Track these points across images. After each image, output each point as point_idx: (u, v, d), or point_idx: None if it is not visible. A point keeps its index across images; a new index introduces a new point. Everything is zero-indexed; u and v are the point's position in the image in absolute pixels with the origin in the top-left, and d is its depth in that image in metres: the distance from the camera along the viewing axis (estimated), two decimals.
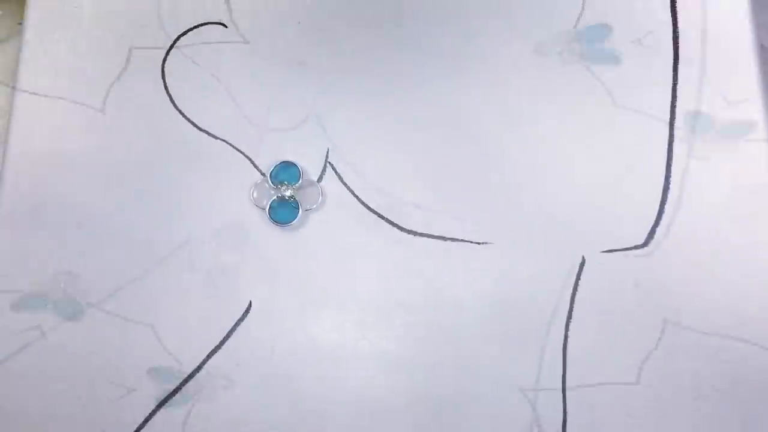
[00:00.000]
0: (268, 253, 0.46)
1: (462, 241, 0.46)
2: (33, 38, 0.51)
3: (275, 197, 0.47)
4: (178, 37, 0.51)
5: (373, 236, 0.46)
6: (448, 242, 0.46)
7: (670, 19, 0.49)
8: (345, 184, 0.48)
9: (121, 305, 0.46)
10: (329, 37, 0.50)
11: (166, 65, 0.50)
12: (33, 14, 0.52)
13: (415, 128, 0.48)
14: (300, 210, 0.46)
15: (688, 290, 0.45)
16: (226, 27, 0.51)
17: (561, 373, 0.44)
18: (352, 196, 0.47)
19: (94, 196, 0.48)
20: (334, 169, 0.48)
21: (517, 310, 0.45)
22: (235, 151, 0.48)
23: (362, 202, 0.47)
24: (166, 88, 0.50)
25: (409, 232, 0.46)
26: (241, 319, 0.45)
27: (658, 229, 0.45)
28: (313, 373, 0.45)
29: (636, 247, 0.45)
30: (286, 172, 0.47)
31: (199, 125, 0.49)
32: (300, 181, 0.47)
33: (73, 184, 0.48)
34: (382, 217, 0.47)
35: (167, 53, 0.50)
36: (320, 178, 0.48)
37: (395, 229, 0.47)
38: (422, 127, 0.48)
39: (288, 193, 0.46)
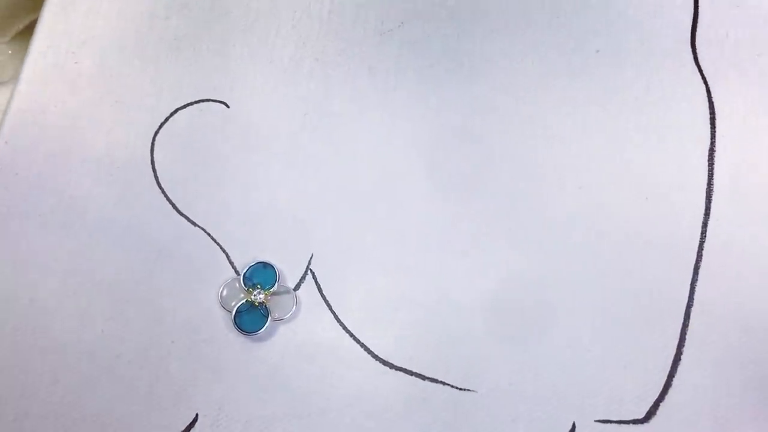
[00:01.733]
0: (224, 362, 0.42)
1: (442, 383, 0.41)
2: (26, 90, 0.48)
3: (244, 301, 0.42)
4: (176, 111, 0.48)
5: (343, 361, 0.42)
6: (427, 382, 0.41)
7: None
8: (323, 297, 0.43)
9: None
10: (329, 130, 0.46)
11: (156, 138, 0.47)
12: (29, 64, 0.49)
13: (407, 248, 0.44)
14: (269, 319, 0.42)
15: None
16: (228, 107, 0.48)
17: None
18: (329, 311, 0.43)
19: (54, 258, 0.44)
20: (314, 277, 0.44)
21: None
22: (212, 242, 0.44)
23: (339, 320, 0.43)
24: (152, 162, 0.46)
25: (385, 363, 0.42)
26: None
27: (662, 405, 0.40)
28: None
29: (635, 422, 0.40)
30: (261, 274, 0.43)
31: (179, 208, 0.45)
32: (275, 285, 0.43)
33: (39, 240, 0.44)
34: (358, 341, 0.42)
35: (160, 126, 0.47)
36: (297, 286, 0.43)
37: (370, 357, 0.42)
38: (415, 248, 0.44)
39: (259, 298, 0.42)
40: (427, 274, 0.43)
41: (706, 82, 0.46)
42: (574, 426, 0.40)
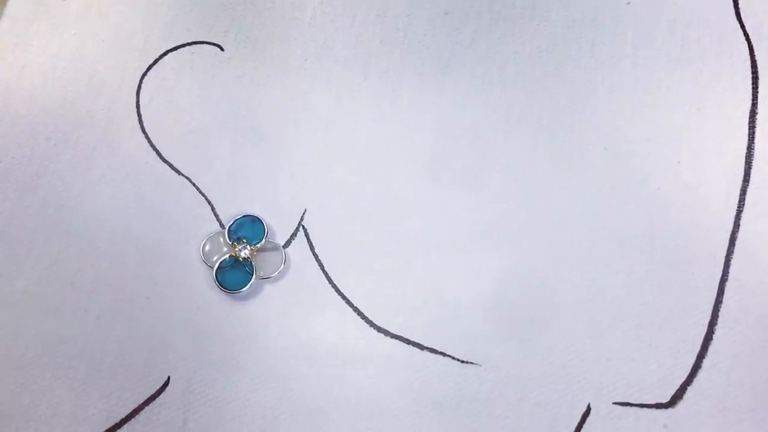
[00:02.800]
0: (202, 322, 0.38)
1: (442, 354, 0.37)
2: (9, 27, 0.45)
3: (228, 256, 0.38)
4: (166, 53, 0.44)
5: (334, 326, 0.37)
6: (426, 352, 0.37)
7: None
8: (315, 256, 0.39)
9: None
10: (329, 79, 0.43)
11: (144, 80, 0.43)
12: (14, 2, 0.46)
13: (409, 207, 0.40)
14: (254, 277, 0.38)
15: None
16: (222, 50, 0.44)
17: None
18: (322, 272, 0.39)
19: (23, 203, 0.40)
20: (306, 234, 0.40)
21: None
22: (197, 192, 0.40)
23: (332, 282, 0.38)
24: (137, 105, 0.43)
25: (380, 330, 0.37)
26: (153, 397, 0.37)
27: (690, 389, 0.35)
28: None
29: (658, 406, 0.35)
30: (248, 228, 0.39)
31: (163, 154, 0.41)
32: (263, 241, 0.39)
33: (10, 182, 0.41)
34: (351, 305, 0.38)
35: (148, 68, 0.43)
36: (288, 243, 0.39)
37: (364, 323, 0.38)
38: (418, 207, 0.40)
39: (244, 253, 0.38)
40: (431, 238, 0.39)
41: (748, 39, 0.42)
42: (589, 408, 0.35)
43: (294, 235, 0.40)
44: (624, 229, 0.38)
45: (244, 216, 0.39)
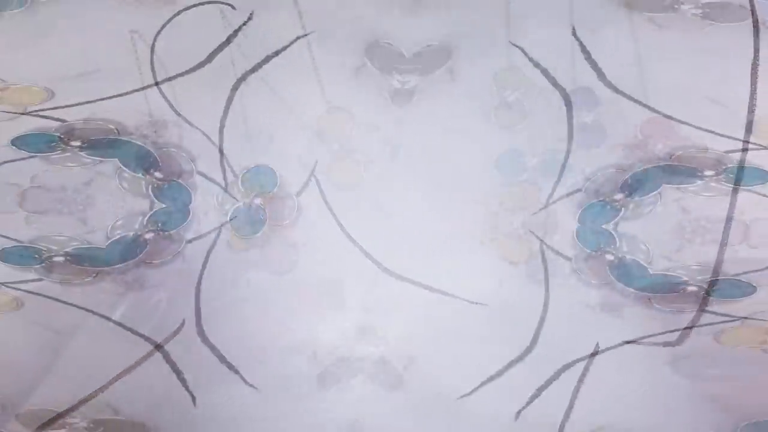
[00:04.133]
0: (216, 268, 0.38)
1: (452, 296, 0.37)
2: None
3: (241, 204, 0.39)
4: (179, 12, 0.45)
5: (345, 269, 0.38)
6: (435, 294, 0.38)
7: None
8: (327, 204, 0.40)
9: None
10: (343, 36, 0.43)
11: (158, 36, 0.44)
12: None
13: (423, 158, 0.41)
14: (266, 224, 0.39)
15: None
16: (234, 9, 0.45)
17: None
18: (334, 219, 0.39)
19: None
20: (318, 184, 0.40)
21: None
22: (211, 143, 0.41)
23: (343, 229, 0.39)
24: (152, 62, 0.43)
25: (392, 273, 0.38)
26: (168, 339, 0.37)
27: (697, 328, 0.36)
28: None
29: (665, 344, 0.36)
30: (260, 177, 0.40)
31: (176, 108, 0.42)
32: (275, 189, 0.39)
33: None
34: (363, 250, 0.39)
35: (163, 27, 0.44)
36: (300, 192, 0.40)
37: (375, 266, 0.38)
38: (431, 158, 0.41)
39: (257, 201, 0.39)
40: (442, 185, 0.40)
41: None
42: (598, 346, 0.36)
43: (306, 185, 0.40)
44: (631, 174, 0.39)
45: (256, 166, 0.40)
